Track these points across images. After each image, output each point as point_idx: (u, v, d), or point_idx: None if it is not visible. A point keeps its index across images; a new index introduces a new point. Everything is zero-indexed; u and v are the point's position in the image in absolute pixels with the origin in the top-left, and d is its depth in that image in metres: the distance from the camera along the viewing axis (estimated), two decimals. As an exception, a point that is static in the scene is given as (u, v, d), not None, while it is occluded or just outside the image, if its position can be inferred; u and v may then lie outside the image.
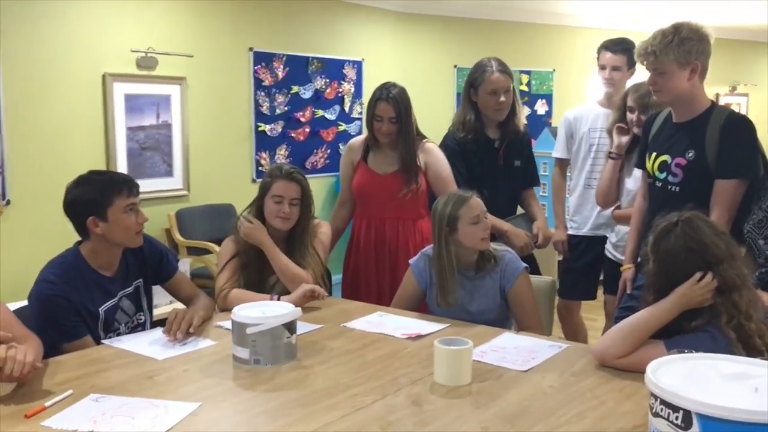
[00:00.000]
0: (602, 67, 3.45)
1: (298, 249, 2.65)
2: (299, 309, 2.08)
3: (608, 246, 3.35)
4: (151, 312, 2.44)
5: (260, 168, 5.36)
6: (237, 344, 2.00)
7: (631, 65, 3.42)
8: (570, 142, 3.55)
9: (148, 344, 2.15)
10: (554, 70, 7.64)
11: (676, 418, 1.26)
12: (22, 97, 4.05)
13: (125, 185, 2.27)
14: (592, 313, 4.11)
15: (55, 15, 4.18)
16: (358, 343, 2.19)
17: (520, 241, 3.07)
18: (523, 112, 3.29)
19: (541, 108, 7.68)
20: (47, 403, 1.67)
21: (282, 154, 5.55)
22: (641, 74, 2.95)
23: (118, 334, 2.29)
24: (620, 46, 3.40)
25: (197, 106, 4.92)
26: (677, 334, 1.87)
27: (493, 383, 1.85)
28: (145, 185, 4.53)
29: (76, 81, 4.30)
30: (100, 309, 2.25)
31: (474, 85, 3.12)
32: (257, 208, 2.69)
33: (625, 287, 2.70)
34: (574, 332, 3.74)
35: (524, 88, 7.57)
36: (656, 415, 1.31)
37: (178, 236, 4.61)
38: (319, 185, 5.56)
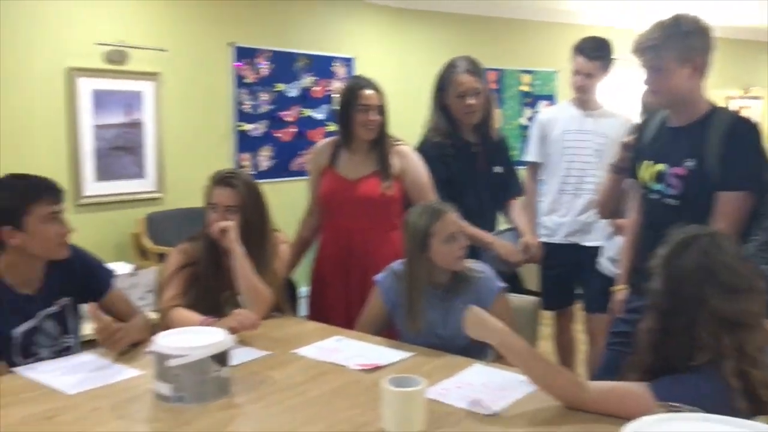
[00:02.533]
0: (575, 72, 3.18)
1: (256, 268, 2.32)
2: (232, 337, 1.81)
3: (603, 260, 3.07)
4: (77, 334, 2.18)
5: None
6: (158, 379, 1.73)
7: (604, 68, 3.16)
8: (543, 144, 3.31)
9: (62, 373, 1.88)
10: (558, 70, 7.34)
11: None
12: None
13: (46, 191, 2.02)
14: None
15: (13, 3, 3.93)
16: (305, 375, 1.92)
17: (507, 251, 2.80)
18: (498, 115, 3.03)
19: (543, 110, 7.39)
20: None
21: (265, 155, 5.28)
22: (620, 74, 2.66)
23: (40, 360, 2.03)
24: (596, 53, 3.13)
25: (173, 104, 4.65)
26: (666, 372, 1.59)
27: (449, 432, 1.57)
28: (114, 187, 4.31)
29: (37, 75, 4.05)
30: (14, 332, 1.99)
31: (442, 88, 2.85)
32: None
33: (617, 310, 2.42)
34: (566, 347, 3.49)
35: (526, 88, 7.29)
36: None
37: (147, 242, 4.34)
38: (305, 188, 5.28)
